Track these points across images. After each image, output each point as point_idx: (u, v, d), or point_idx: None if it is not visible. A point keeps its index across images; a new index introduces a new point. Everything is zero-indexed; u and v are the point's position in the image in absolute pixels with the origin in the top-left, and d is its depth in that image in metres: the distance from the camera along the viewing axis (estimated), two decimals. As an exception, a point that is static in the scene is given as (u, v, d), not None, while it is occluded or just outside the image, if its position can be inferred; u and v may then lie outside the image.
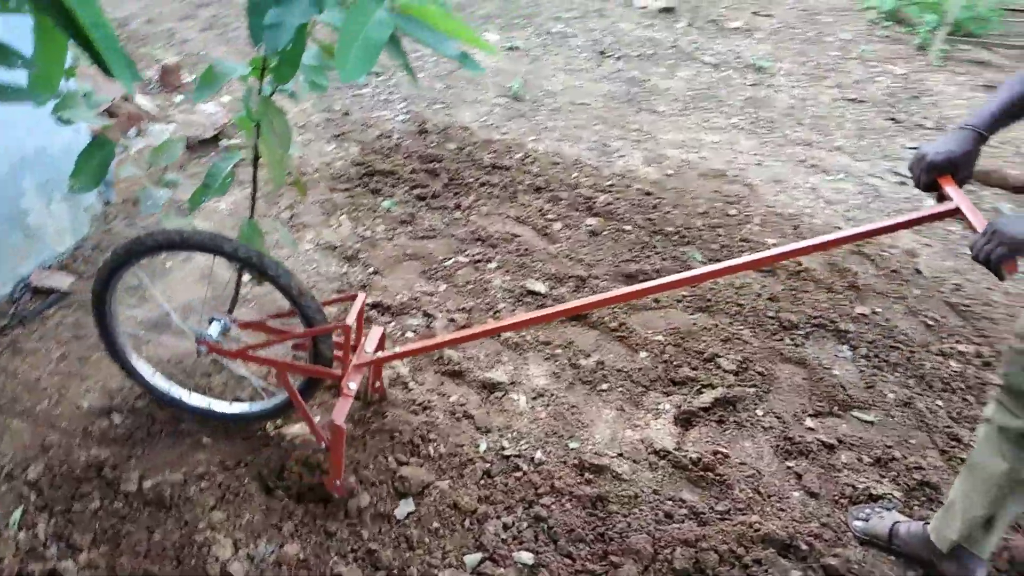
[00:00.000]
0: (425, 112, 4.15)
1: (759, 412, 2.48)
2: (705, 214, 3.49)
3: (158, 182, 2.04)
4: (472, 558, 1.93)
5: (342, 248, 3.04)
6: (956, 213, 1.61)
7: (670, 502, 2.12)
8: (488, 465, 2.16)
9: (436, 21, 1.11)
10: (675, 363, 2.62)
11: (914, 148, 4.63)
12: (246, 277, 1.99)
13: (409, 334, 2.65)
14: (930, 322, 3.00)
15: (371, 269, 2.95)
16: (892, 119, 5.01)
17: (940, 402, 2.61)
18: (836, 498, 2.22)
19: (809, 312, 2.94)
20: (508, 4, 6.12)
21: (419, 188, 3.46)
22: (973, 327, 3.02)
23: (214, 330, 2.00)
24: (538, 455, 2.22)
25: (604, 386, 2.50)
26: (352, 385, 1.93)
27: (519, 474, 2.14)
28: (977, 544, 1.86)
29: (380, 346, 2.09)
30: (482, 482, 2.11)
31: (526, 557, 1.94)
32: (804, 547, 2.01)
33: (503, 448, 2.24)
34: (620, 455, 2.26)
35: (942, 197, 1.66)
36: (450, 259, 3.04)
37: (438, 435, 2.22)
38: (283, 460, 2.11)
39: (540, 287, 2.88)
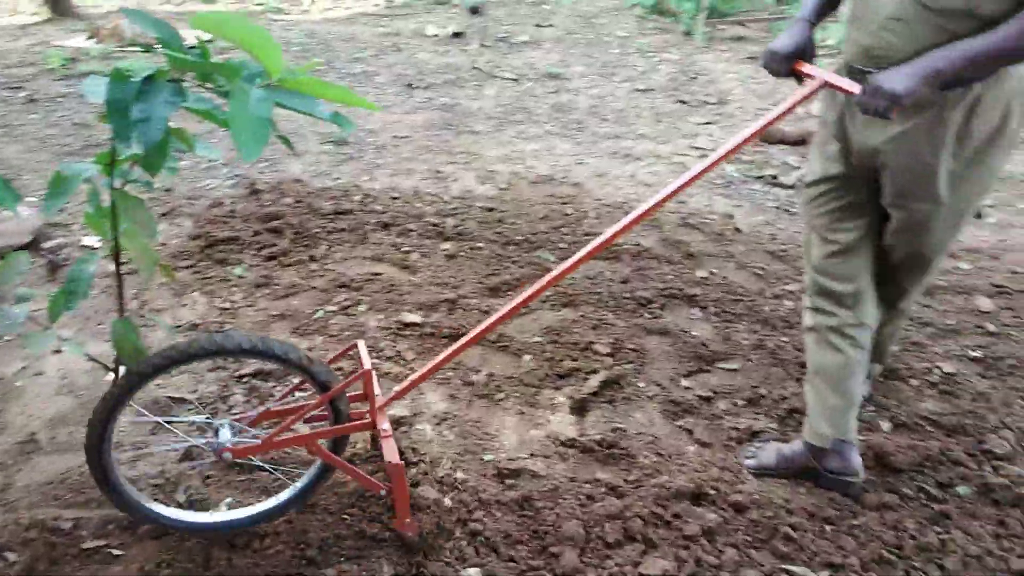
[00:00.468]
0: (252, 173, 4.10)
1: (641, 384, 2.71)
2: (546, 218, 3.72)
3: (5, 300, 1.92)
4: (423, 589, 1.98)
5: (204, 325, 2.96)
6: (825, 85, 1.92)
7: (588, 485, 2.28)
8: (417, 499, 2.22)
9: (312, 90, 1.19)
10: (557, 358, 2.80)
11: (706, 124, 5.15)
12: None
13: (298, 393, 2.64)
14: (759, 272, 3.39)
15: (240, 339, 2.90)
16: (680, 101, 5.54)
17: (785, 338, 2.97)
18: (725, 442, 2.48)
19: (659, 286, 3.23)
20: (303, 55, 6.13)
21: (267, 248, 3.42)
22: (793, 267, 3.45)
23: (226, 436, 1.92)
24: (459, 475, 2.30)
25: (500, 396, 2.63)
26: (386, 425, 1.96)
27: (446, 499, 2.21)
28: (844, 430, 2.21)
29: (377, 387, 2.10)
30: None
31: (473, 572, 2.02)
32: (711, 492, 2.24)
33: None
34: (532, 455, 2.40)
35: (802, 79, 2.00)
36: (318, 311, 3.05)
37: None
38: (206, 549, 2.06)
39: (415, 317, 2.96)
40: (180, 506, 2.10)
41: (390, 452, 1.92)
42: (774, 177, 4.34)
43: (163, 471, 2.29)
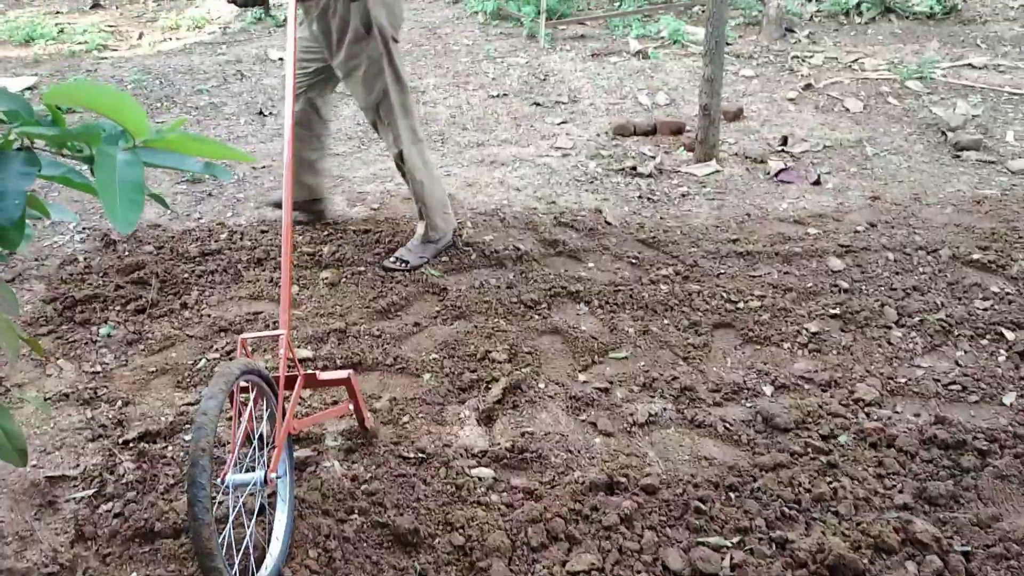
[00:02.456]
0: (103, 224, 3.85)
1: (541, 385, 2.77)
2: (423, 234, 3.72)
3: None
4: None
5: (76, 394, 2.76)
6: None
7: (505, 493, 2.32)
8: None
9: (183, 147, 1.15)
10: (456, 372, 2.81)
11: (562, 123, 5.31)
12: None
13: (192, 450, 2.52)
14: (633, 260, 3.54)
15: (119, 402, 2.73)
16: (535, 104, 5.68)
17: (666, 320, 3.12)
18: (627, 429, 2.58)
19: (543, 287, 3.31)
20: (142, 93, 5.80)
21: (133, 302, 3.23)
22: (663, 252, 3.63)
23: (248, 476, 1.96)
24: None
25: (405, 419, 2.61)
26: (308, 371, 2.27)
27: (377, 530, 2.18)
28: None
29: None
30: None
31: (405, 601, 2.00)
32: (623, 479, 2.33)
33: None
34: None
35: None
36: (200, 360, 2.91)
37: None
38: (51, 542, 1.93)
39: (305, 352, 2.89)
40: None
41: (336, 374, 2.26)
42: (633, 168, 4.54)
43: (55, 557, 2.13)
